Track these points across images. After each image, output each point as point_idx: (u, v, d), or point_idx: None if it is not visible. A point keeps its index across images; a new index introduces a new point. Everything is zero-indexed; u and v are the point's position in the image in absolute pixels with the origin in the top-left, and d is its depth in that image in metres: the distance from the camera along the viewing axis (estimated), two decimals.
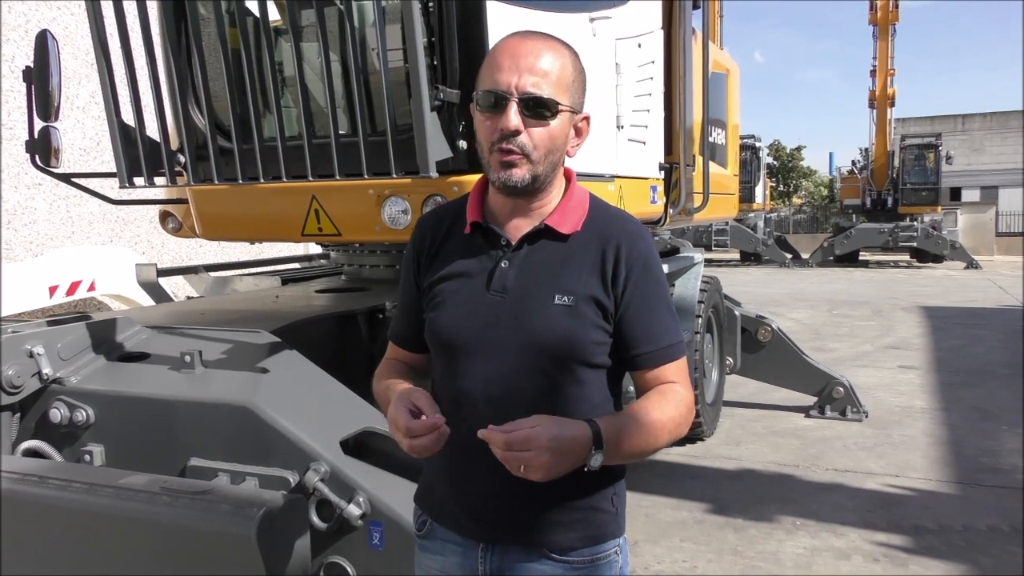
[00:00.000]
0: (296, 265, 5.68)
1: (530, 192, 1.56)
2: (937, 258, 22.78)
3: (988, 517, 4.48)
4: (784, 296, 15.39)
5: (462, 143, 2.95)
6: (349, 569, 2.41)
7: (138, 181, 3.31)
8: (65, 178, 3.52)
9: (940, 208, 23.77)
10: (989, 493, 4.87)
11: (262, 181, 3.16)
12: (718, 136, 5.90)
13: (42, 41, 3.27)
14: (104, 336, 2.97)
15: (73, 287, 6.14)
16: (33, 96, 3.29)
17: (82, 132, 7.19)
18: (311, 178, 3.05)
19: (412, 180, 2.97)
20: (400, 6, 2.81)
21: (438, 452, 1.67)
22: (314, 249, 5.99)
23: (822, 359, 7.40)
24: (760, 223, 24.76)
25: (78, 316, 3.09)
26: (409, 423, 1.44)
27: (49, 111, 3.30)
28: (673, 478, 5.20)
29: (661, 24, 4.40)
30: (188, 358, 2.72)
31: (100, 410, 2.67)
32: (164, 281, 4.70)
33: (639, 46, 4.05)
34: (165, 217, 4.11)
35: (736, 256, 25.26)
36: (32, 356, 2.71)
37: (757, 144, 23.90)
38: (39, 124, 3.34)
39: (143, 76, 3.18)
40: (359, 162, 2.95)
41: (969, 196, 32.59)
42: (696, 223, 6.31)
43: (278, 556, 2.11)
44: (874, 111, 23.42)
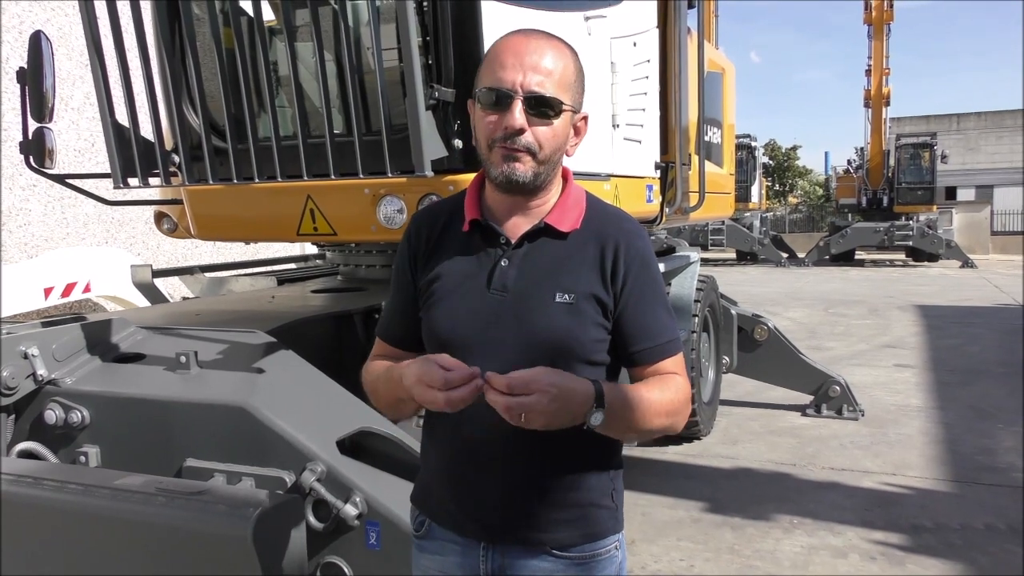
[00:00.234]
0: (292, 265, 5.67)
1: (530, 190, 1.56)
2: (933, 257, 22.84)
3: (985, 516, 4.48)
4: (780, 295, 15.41)
5: (457, 142, 2.95)
6: (346, 569, 2.40)
7: (132, 182, 3.30)
8: (59, 179, 3.50)
9: (935, 207, 23.84)
10: (986, 492, 4.88)
11: (257, 181, 3.15)
12: (714, 135, 5.90)
13: (36, 42, 3.26)
14: (99, 337, 2.96)
15: (68, 288, 6.12)
16: (27, 97, 3.28)
17: (77, 133, 7.17)
18: (306, 178, 3.04)
19: (408, 179, 2.96)
20: (395, 5, 2.81)
21: (436, 452, 1.68)
22: (310, 249, 5.98)
23: (818, 358, 7.41)
24: (756, 222, 24.80)
25: (73, 317, 3.08)
26: (447, 375, 1.39)
27: (43, 112, 3.29)
28: (670, 477, 5.20)
29: (656, 23, 4.40)
30: (184, 359, 2.71)
31: (95, 411, 2.67)
32: (160, 282, 4.69)
33: (634, 45, 4.05)
34: (160, 218, 4.09)
35: (732, 255, 25.31)
36: (27, 357, 2.70)
37: (753, 143, 23.96)
38: (33, 125, 3.33)
39: (137, 76, 3.18)
40: (354, 161, 2.94)
41: (964, 195, 32.66)
42: (692, 222, 6.32)
43: (274, 556, 2.10)
44: (869, 110, 23.48)
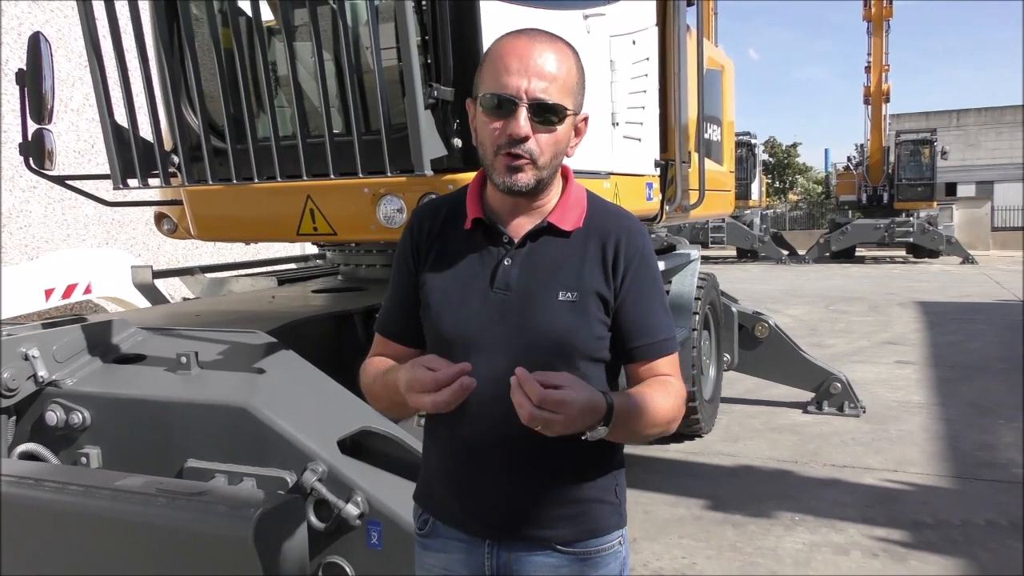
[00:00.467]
0: (292, 265, 5.67)
1: (533, 193, 1.57)
2: (933, 253, 22.81)
3: (986, 512, 4.48)
4: (781, 292, 15.41)
5: (457, 141, 2.94)
6: (348, 569, 2.40)
7: (132, 183, 3.30)
8: (59, 180, 3.50)
9: (936, 203, 23.81)
10: (987, 488, 4.88)
11: (256, 181, 3.15)
12: (713, 133, 5.89)
13: (35, 43, 3.26)
14: (100, 338, 2.97)
15: (69, 290, 6.12)
16: (26, 99, 3.28)
17: (76, 135, 7.17)
18: (306, 177, 3.04)
19: (407, 179, 2.96)
20: (393, 5, 2.80)
21: (438, 451, 1.68)
22: (310, 249, 5.98)
23: (819, 355, 7.40)
24: (756, 220, 24.80)
25: (74, 318, 3.08)
26: (437, 375, 1.39)
27: (42, 113, 3.29)
28: (671, 475, 5.20)
29: (655, 21, 4.39)
30: (184, 359, 2.71)
31: (96, 412, 2.67)
32: (160, 283, 4.69)
33: (633, 43, 4.05)
34: (160, 219, 4.09)
35: (732, 253, 25.29)
36: (27, 359, 2.70)
37: (753, 141, 23.94)
38: (32, 127, 3.33)
39: (136, 77, 3.17)
40: (354, 161, 2.94)
41: (964, 191, 32.63)
42: (692, 220, 6.31)
43: (275, 557, 2.10)
44: (869, 107, 23.44)
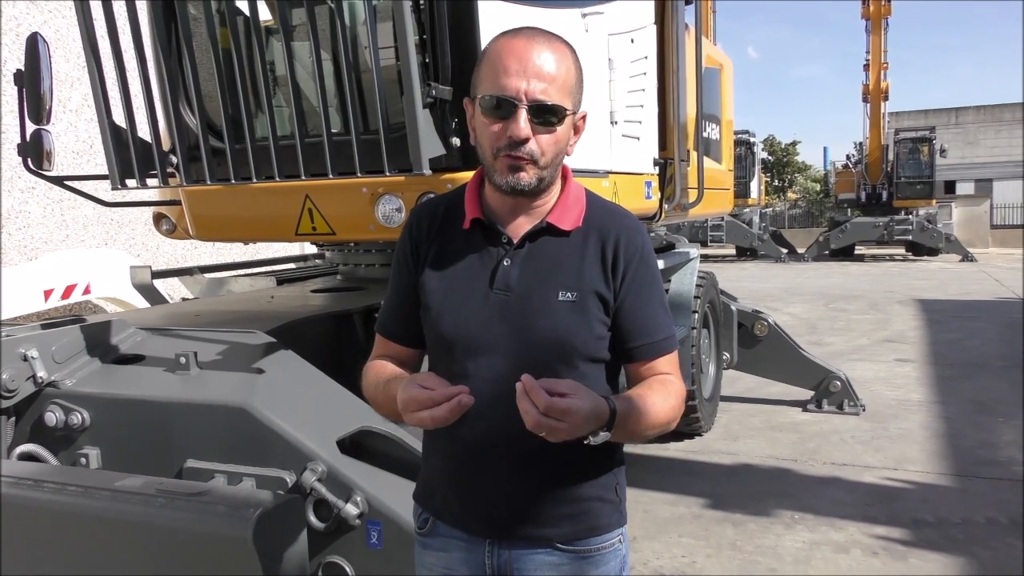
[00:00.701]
0: (291, 265, 5.67)
1: (535, 192, 1.56)
2: (932, 251, 22.81)
3: (986, 510, 4.48)
4: (780, 291, 15.40)
5: (455, 140, 2.94)
6: (348, 568, 2.40)
7: (130, 183, 3.30)
8: (58, 181, 3.50)
9: (935, 201, 23.81)
10: (987, 485, 4.88)
11: (255, 181, 3.15)
12: (712, 131, 5.89)
13: (33, 44, 3.26)
14: (99, 339, 2.96)
15: (68, 290, 6.12)
16: (24, 99, 3.28)
17: (75, 135, 7.17)
18: (304, 177, 3.04)
19: (406, 178, 2.96)
20: (391, 4, 2.80)
21: (437, 451, 1.67)
22: (309, 249, 5.98)
23: (819, 353, 7.40)
24: (755, 218, 24.77)
25: (73, 319, 3.08)
26: (432, 394, 1.39)
27: (41, 114, 3.29)
28: (671, 474, 5.20)
29: (654, 19, 4.39)
30: (183, 360, 2.71)
31: (96, 413, 2.67)
32: (159, 283, 4.69)
33: (632, 41, 4.05)
34: (159, 219, 4.09)
35: (732, 251, 25.29)
36: (26, 359, 2.70)
37: (752, 139, 23.93)
38: (31, 127, 3.33)
39: (134, 77, 3.17)
40: (352, 160, 2.94)
41: (963, 189, 32.61)
42: (691, 219, 6.30)
43: (275, 557, 2.10)
44: (868, 105, 23.43)
